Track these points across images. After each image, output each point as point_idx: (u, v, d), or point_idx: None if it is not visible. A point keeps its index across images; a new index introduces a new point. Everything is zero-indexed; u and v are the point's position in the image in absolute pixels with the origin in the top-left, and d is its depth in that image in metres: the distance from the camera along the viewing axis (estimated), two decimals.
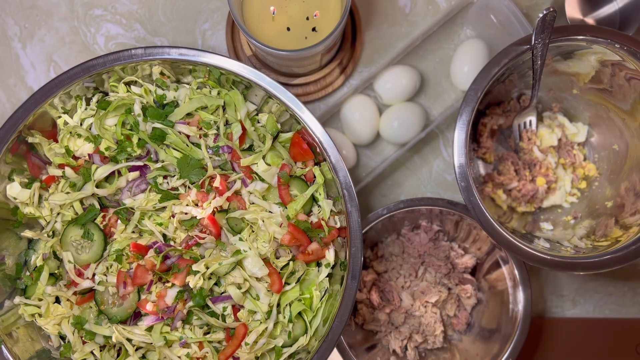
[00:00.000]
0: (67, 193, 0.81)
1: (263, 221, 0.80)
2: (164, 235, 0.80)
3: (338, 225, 0.82)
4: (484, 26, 0.97)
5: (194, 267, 0.77)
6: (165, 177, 0.81)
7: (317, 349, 0.76)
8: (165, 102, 0.83)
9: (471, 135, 0.86)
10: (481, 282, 0.97)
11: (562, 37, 0.82)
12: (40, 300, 0.80)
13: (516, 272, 0.91)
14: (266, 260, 0.79)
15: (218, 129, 0.82)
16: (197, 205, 0.80)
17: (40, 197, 0.82)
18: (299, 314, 0.81)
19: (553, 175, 0.94)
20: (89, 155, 0.81)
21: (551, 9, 0.78)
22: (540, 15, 0.78)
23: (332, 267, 0.82)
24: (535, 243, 0.86)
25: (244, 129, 0.82)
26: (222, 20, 0.99)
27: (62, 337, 0.82)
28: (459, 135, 0.82)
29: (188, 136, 0.81)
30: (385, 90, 0.95)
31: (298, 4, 0.83)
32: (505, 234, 0.82)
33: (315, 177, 0.83)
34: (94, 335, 0.78)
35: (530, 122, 0.94)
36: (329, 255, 0.81)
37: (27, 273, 0.81)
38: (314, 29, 0.84)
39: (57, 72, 0.99)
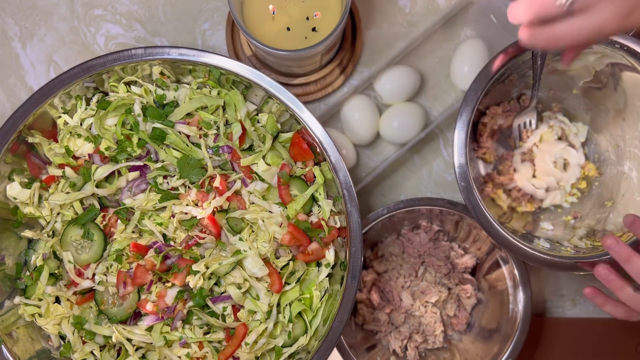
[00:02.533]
0: (67, 193, 0.80)
1: (263, 221, 0.80)
2: (164, 235, 0.80)
3: (338, 225, 0.82)
4: (484, 26, 0.97)
5: (194, 267, 0.77)
6: (165, 177, 0.81)
7: (317, 349, 0.76)
8: (165, 102, 0.83)
9: (471, 135, 0.86)
10: (481, 282, 0.97)
11: None
12: (40, 300, 0.80)
13: (516, 272, 0.91)
14: (266, 260, 0.79)
15: (218, 129, 0.82)
16: (197, 205, 0.80)
17: (40, 197, 0.82)
18: (299, 314, 0.81)
19: None
20: (89, 155, 0.81)
21: None
22: None
23: (332, 267, 0.82)
24: (535, 243, 0.86)
25: (244, 129, 0.81)
26: (222, 20, 0.98)
27: (62, 337, 0.81)
28: (459, 135, 0.82)
29: (188, 136, 0.81)
30: (385, 90, 0.95)
31: (298, 4, 0.83)
32: (505, 234, 0.82)
33: (315, 177, 0.83)
34: (94, 335, 0.78)
35: (530, 122, 0.94)
36: (329, 255, 0.81)
37: (27, 273, 0.81)
38: (314, 29, 0.84)
39: (57, 72, 0.99)
